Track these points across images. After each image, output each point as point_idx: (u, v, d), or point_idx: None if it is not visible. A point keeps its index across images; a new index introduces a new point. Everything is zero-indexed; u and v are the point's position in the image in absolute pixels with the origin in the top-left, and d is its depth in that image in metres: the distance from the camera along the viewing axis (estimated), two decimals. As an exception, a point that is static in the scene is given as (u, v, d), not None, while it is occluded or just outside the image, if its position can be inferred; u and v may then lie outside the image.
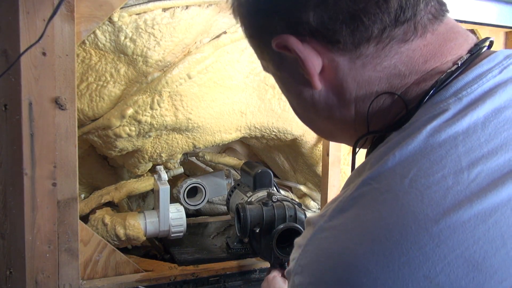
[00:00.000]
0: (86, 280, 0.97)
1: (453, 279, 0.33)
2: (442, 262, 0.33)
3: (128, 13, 1.00)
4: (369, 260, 0.35)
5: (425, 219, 0.34)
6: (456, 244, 0.33)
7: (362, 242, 0.36)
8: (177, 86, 1.08)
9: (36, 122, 0.84)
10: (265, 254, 0.96)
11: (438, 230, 0.34)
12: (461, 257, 0.33)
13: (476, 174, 0.35)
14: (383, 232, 0.35)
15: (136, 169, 1.21)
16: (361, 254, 0.35)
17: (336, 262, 0.37)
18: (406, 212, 0.35)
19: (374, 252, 0.35)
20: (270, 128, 1.24)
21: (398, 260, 0.34)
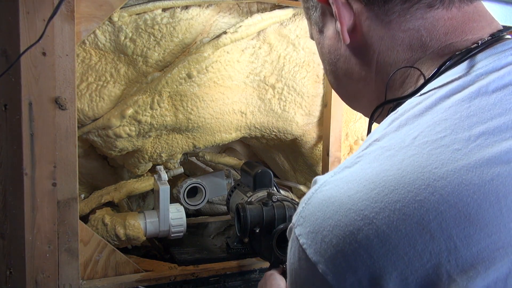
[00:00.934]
0: (86, 280, 0.97)
1: (444, 228, 0.34)
2: (436, 210, 0.34)
3: (128, 13, 1.00)
4: (367, 205, 0.37)
5: (423, 171, 0.36)
6: (451, 195, 0.34)
7: (362, 190, 0.38)
8: (177, 86, 1.08)
9: (36, 122, 0.84)
10: (265, 254, 0.96)
11: (434, 180, 0.35)
12: (455, 207, 0.34)
13: (477, 136, 0.37)
14: (383, 181, 0.37)
15: (136, 169, 1.21)
16: (360, 200, 0.37)
17: (335, 208, 0.39)
18: (407, 165, 0.37)
19: (371, 198, 0.37)
20: (270, 128, 1.24)
21: (394, 206, 0.36)
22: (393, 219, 0.36)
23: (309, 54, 1.21)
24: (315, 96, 1.24)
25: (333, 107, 1.24)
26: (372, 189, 0.37)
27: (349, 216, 0.37)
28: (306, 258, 0.39)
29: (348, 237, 0.37)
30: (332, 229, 0.38)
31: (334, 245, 0.38)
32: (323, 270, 0.38)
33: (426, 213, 0.35)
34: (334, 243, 0.38)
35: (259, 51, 1.16)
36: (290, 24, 1.18)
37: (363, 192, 0.38)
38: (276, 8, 1.15)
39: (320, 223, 0.39)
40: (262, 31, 1.15)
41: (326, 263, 0.38)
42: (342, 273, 0.37)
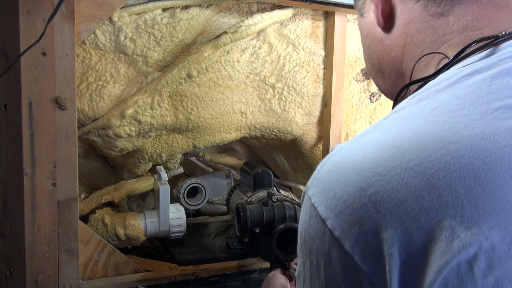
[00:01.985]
0: (86, 280, 0.97)
1: (453, 187, 0.35)
2: (446, 170, 0.36)
3: (128, 13, 1.00)
4: (380, 164, 0.38)
5: (438, 135, 0.38)
6: (463, 157, 0.36)
7: (377, 151, 0.40)
8: (177, 86, 1.08)
9: (36, 122, 0.84)
10: (265, 254, 0.96)
11: (448, 143, 0.37)
12: (465, 168, 0.36)
13: (495, 109, 0.38)
14: (398, 143, 0.39)
15: (136, 169, 1.21)
16: (374, 159, 0.39)
17: (349, 167, 0.40)
18: (423, 130, 0.39)
19: (385, 158, 0.38)
20: (270, 128, 1.24)
21: (406, 165, 0.37)
22: (404, 176, 0.37)
23: (309, 54, 1.21)
24: (315, 96, 1.24)
25: (333, 107, 1.24)
26: (386, 150, 0.39)
27: (361, 173, 0.39)
28: (317, 215, 0.41)
29: (359, 193, 0.38)
30: (344, 186, 0.40)
31: (344, 200, 0.39)
32: (332, 225, 0.39)
33: (436, 172, 0.36)
34: (344, 198, 0.39)
35: (259, 51, 1.16)
36: (290, 24, 1.18)
37: (377, 153, 0.39)
38: (276, 8, 1.15)
39: (333, 182, 0.41)
40: (262, 31, 1.15)
41: (335, 218, 0.39)
42: (349, 227, 0.38)
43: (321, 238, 0.41)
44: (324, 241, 0.40)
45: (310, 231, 0.42)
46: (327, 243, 0.40)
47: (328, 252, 0.40)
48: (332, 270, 0.40)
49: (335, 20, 1.19)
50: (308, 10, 1.19)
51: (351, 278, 0.39)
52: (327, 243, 0.40)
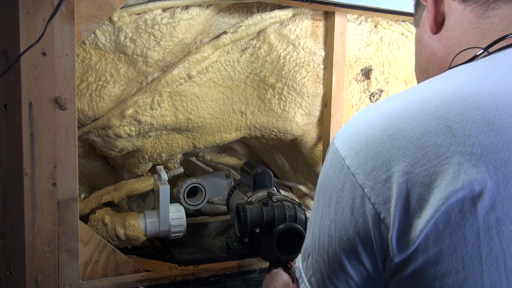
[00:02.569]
0: (86, 280, 0.97)
1: (467, 130, 0.39)
2: (464, 116, 0.40)
3: (128, 13, 1.00)
4: (403, 110, 0.43)
5: (462, 90, 0.42)
6: (481, 107, 0.40)
7: (403, 101, 0.44)
8: (177, 86, 1.08)
9: (36, 122, 0.84)
10: (265, 254, 0.96)
11: (471, 95, 0.41)
12: (481, 116, 0.40)
13: None
14: (424, 95, 0.44)
15: (136, 169, 1.21)
16: (399, 107, 0.43)
17: (374, 115, 0.45)
18: (450, 86, 0.43)
19: (409, 106, 0.43)
20: (270, 128, 1.24)
21: (428, 110, 0.41)
22: (423, 120, 0.41)
23: (309, 54, 1.21)
24: (315, 96, 1.24)
25: (333, 107, 1.24)
26: (413, 100, 0.44)
27: (385, 118, 0.44)
28: (338, 157, 0.45)
29: (380, 133, 0.43)
30: (367, 129, 0.44)
31: (365, 141, 0.43)
32: (349, 162, 0.44)
33: (454, 117, 0.40)
34: (365, 139, 0.43)
35: (259, 51, 1.16)
36: (290, 24, 1.18)
37: (403, 103, 0.44)
38: (276, 8, 1.15)
39: (358, 127, 0.45)
40: (262, 31, 1.15)
41: (354, 156, 0.44)
42: (365, 163, 0.42)
43: (338, 176, 0.45)
44: (339, 178, 0.44)
45: (329, 172, 0.47)
46: (342, 179, 0.44)
47: (341, 187, 0.44)
48: (342, 204, 0.44)
49: (335, 20, 1.19)
50: (308, 10, 1.19)
51: (358, 208, 0.43)
52: (342, 179, 0.44)
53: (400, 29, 1.31)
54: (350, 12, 1.20)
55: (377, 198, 0.41)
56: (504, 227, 0.38)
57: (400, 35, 1.32)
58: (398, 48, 1.32)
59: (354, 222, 0.43)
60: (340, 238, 0.45)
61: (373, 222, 0.42)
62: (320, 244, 0.48)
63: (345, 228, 0.44)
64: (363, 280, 0.45)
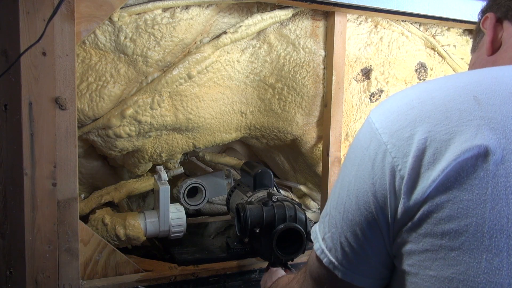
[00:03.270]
0: (86, 280, 0.97)
1: (492, 100, 0.44)
2: (491, 90, 0.44)
3: (128, 13, 1.00)
4: (436, 85, 0.48)
5: (497, 74, 0.46)
6: (510, 83, 0.45)
7: (439, 80, 0.48)
8: (177, 86, 1.08)
9: (36, 122, 0.84)
10: (265, 254, 0.96)
11: (501, 76, 0.46)
12: (508, 90, 0.44)
13: None
14: (458, 76, 0.48)
15: (136, 169, 1.21)
16: (433, 84, 0.48)
17: (410, 91, 0.49)
18: (484, 71, 0.48)
19: (442, 82, 0.48)
20: (270, 128, 1.24)
21: (459, 85, 0.46)
22: (453, 92, 0.45)
23: (309, 54, 1.21)
24: (315, 96, 1.24)
25: (333, 107, 1.24)
26: (447, 79, 0.48)
27: (418, 92, 0.48)
28: (370, 123, 0.49)
29: (411, 101, 0.47)
30: (401, 99, 0.48)
31: (396, 107, 0.48)
32: (378, 125, 0.48)
33: (482, 91, 0.44)
34: (397, 106, 0.48)
35: (259, 51, 1.16)
36: (290, 24, 1.18)
37: (438, 81, 0.48)
38: (276, 8, 1.14)
39: (392, 100, 0.50)
40: (262, 31, 1.15)
41: (384, 120, 0.48)
42: (392, 124, 0.47)
43: (366, 138, 0.49)
44: (367, 139, 0.49)
45: (359, 136, 0.51)
46: (369, 139, 0.48)
47: (367, 146, 0.48)
48: (365, 160, 0.48)
49: (335, 20, 1.19)
50: (308, 10, 1.19)
51: (379, 163, 0.47)
52: (369, 139, 0.48)
53: (400, 29, 1.31)
54: (350, 12, 1.20)
55: (398, 152, 0.45)
56: (510, 178, 0.41)
57: (400, 35, 1.32)
58: (398, 48, 1.32)
59: (373, 174, 0.47)
60: (357, 191, 0.49)
61: (390, 173, 0.45)
62: (339, 199, 0.51)
63: (363, 181, 0.48)
64: (373, 233, 0.48)
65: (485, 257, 0.41)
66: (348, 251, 0.50)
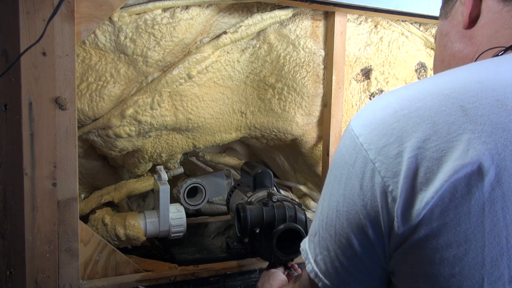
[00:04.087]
0: (86, 280, 0.97)
1: (480, 110, 0.41)
2: (478, 97, 0.42)
3: (128, 13, 1.00)
4: (419, 92, 0.44)
5: (479, 75, 0.44)
6: (496, 90, 0.42)
7: (420, 86, 0.45)
8: (177, 86, 1.08)
9: (36, 122, 0.84)
10: (265, 254, 0.96)
11: (485, 80, 0.43)
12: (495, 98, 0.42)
13: None
14: (441, 80, 0.45)
15: (136, 169, 1.21)
16: (415, 90, 0.45)
17: (390, 98, 0.46)
18: (467, 73, 0.45)
19: (426, 89, 0.45)
20: (270, 128, 1.24)
21: (444, 92, 0.43)
22: (438, 100, 0.42)
23: (309, 54, 1.21)
24: (315, 96, 1.24)
25: (333, 107, 1.24)
26: (430, 84, 0.45)
27: (401, 99, 0.45)
28: (352, 136, 0.46)
29: (395, 113, 0.44)
30: (382, 109, 0.45)
31: (379, 119, 0.44)
32: (363, 140, 0.45)
33: (468, 98, 0.42)
34: (380, 118, 0.44)
35: (259, 51, 1.16)
36: (290, 24, 1.18)
37: (420, 87, 0.45)
38: (276, 8, 1.14)
39: (373, 109, 0.46)
40: (262, 31, 1.15)
41: (368, 135, 0.44)
42: (378, 139, 0.44)
43: (350, 153, 0.46)
44: (352, 155, 0.45)
45: (342, 151, 0.47)
46: (354, 156, 0.45)
47: (353, 164, 0.45)
48: (352, 179, 0.45)
49: (335, 20, 1.19)
50: (308, 10, 1.19)
51: (367, 182, 0.44)
52: (354, 156, 0.45)
53: (400, 29, 1.31)
54: (350, 12, 1.20)
55: (387, 172, 0.42)
56: (508, 202, 0.39)
57: (400, 35, 1.32)
58: (398, 48, 1.32)
59: (362, 195, 0.44)
60: (347, 213, 0.46)
61: (381, 194, 0.43)
62: (328, 221, 0.48)
63: (353, 202, 0.45)
64: (369, 255, 0.46)
65: (487, 280, 0.39)
66: (344, 275, 0.48)
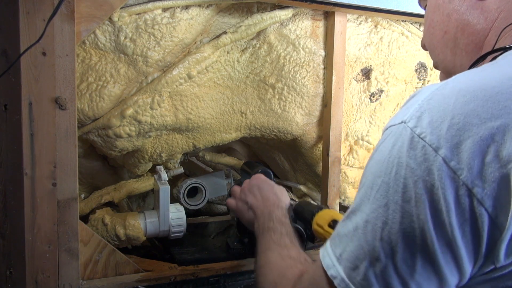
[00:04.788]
0: (86, 280, 0.97)
1: None
2: None
3: (128, 13, 1.00)
4: (507, 98, 0.38)
5: None
6: None
7: (497, 85, 0.39)
8: (177, 86, 1.08)
9: (36, 122, 0.84)
10: (265, 254, 0.96)
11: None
12: None
13: None
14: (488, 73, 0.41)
15: (136, 169, 1.21)
16: (499, 93, 0.39)
17: (468, 99, 0.39)
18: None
19: (510, 92, 0.39)
20: (270, 128, 1.24)
21: None
22: None
23: (309, 54, 1.21)
24: (315, 96, 1.24)
25: (333, 107, 1.24)
26: (509, 86, 0.39)
27: (486, 105, 0.38)
28: (424, 146, 0.39)
29: (484, 124, 0.37)
30: (464, 117, 0.38)
31: (465, 130, 0.38)
32: (446, 155, 0.38)
33: None
34: (465, 129, 0.38)
35: (259, 51, 1.16)
36: (290, 24, 1.18)
37: (499, 87, 0.39)
38: (276, 8, 1.14)
39: (448, 113, 0.39)
40: (262, 31, 1.15)
41: (452, 149, 0.37)
42: (470, 158, 0.37)
43: (427, 169, 0.38)
44: (431, 172, 0.38)
45: (409, 163, 0.39)
46: (436, 174, 0.38)
47: (434, 184, 0.38)
48: (440, 205, 0.38)
49: (335, 20, 1.19)
50: (308, 10, 1.19)
51: (465, 213, 0.37)
52: (435, 174, 0.38)
53: (400, 29, 1.31)
54: (350, 12, 1.20)
55: (494, 201, 0.36)
56: None
57: (400, 35, 1.32)
58: (398, 48, 1.32)
59: (457, 223, 0.37)
60: (439, 240, 0.38)
61: (486, 225, 0.37)
62: (403, 248, 0.40)
63: (445, 228, 0.38)
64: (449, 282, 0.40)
65: None
66: None
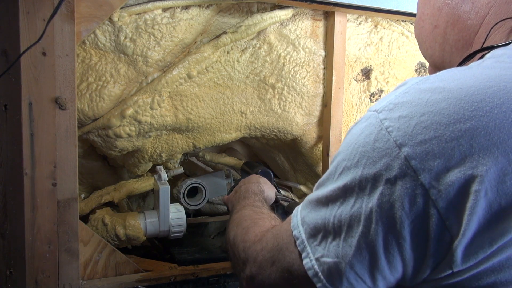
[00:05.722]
0: (86, 280, 0.97)
1: None
2: None
3: (128, 13, 1.00)
4: (482, 99, 0.37)
5: None
6: None
7: (477, 85, 0.38)
8: (177, 86, 1.08)
9: (36, 122, 0.84)
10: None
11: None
12: None
13: None
14: (499, 82, 0.38)
15: (136, 169, 1.21)
16: (474, 93, 0.37)
17: (442, 97, 0.38)
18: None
19: (488, 93, 0.37)
20: (270, 128, 1.24)
21: None
22: (509, 116, 0.35)
23: (309, 54, 1.21)
24: (315, 96, 1.24)
25: (333, 107, 1.24)
26: (488, 87, 0.37)
27: (458, 105, 0.37)
28: (388, 140, 0.38)
29: (452, 124, 0.36)
30: (434, 115, 0.37)
31: (431, 129, 0.37)
32: (408, 153, 0.37)
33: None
34: (432, 128, 0.37)
35: (259, 51, 1.16)
36: (290, 24, 1.18)
37: (478, 87, 0.37)
38: (276, 8, 1.14)
39: (419, 109, 0.38)
40: (262, 31, 1.15)
41: (415, 147, 0.37)
42: (431, 159, 0.36)
43: (388, 164, 0.38)
44: (391, 168, 0.38)
45: (371, 155, 0.39)
46: (396, 171, 0.37)
47: (393, 180, 0.37)
48: (392, 199, 0.37)
49: (335, 20, 1.19)
50: (308, 10, 1.19)
51: (417, 211, 0.36)
52: (395, 171, 0.37)
53: (400, 29, 1.31)
54: (350, 12, 1.20)
55: (447, 204, 0.35)
56: None
57: (400, 35, 1.32)
58: (398, 48, 1.32)
59: (407, 220, 0.37)
60: (384, 231, 0.38)
61: (436, 226, 0.36)
62: (347, 229, 0.41)
63: (393, 221, 0.38)
64: (394, 277, 0.40)
65: None
66: None
